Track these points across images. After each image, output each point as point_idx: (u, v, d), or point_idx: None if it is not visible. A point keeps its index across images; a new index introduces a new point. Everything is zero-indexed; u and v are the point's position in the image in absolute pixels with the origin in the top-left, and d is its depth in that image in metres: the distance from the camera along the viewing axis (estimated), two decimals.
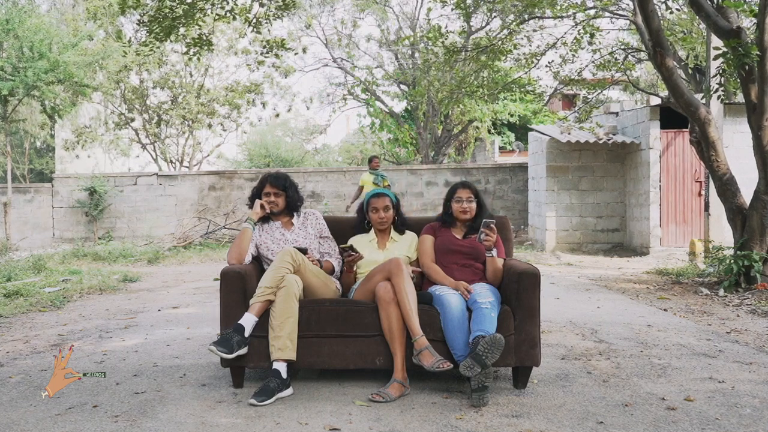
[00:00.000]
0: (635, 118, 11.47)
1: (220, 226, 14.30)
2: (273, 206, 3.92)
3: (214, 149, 20.99)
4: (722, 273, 7.17)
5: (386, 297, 3.42)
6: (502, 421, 2.99)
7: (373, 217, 3.95)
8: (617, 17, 11.09)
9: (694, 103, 7.21)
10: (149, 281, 8.49)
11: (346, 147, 30.47)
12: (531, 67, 11.85)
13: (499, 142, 21.17)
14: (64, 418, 3.04)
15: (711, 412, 3.08)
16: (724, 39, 6.57)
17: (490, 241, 3.58)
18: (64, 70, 12.08)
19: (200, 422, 2.98)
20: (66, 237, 14.70)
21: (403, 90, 20.06)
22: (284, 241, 3.90)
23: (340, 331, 3.46)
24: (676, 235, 10.86)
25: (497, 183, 14.93)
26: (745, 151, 8.32)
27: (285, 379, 3.33)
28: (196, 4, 8.64)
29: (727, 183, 7.19)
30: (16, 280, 7.65)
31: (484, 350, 3.14)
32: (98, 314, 5.94)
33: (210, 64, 18.26)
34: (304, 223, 4.01)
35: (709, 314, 5.73)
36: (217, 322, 4.07)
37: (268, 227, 3.96)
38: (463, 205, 3.83)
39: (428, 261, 3.81)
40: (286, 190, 3.95)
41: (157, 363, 4.06)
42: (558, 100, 21.57)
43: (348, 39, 20.31)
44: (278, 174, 4.01)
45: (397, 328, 3.39)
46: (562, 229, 11.89)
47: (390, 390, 3.30)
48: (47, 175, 19.11)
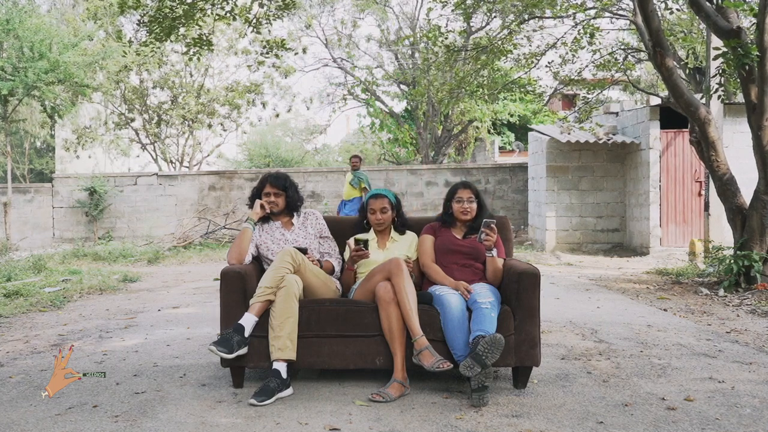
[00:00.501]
0: (635, 118, 11.47)
1: (220, 226, 14.30)
2: (273, 206, 3.92)
3: (214, 149, 20.99)
4: (722, 273, 7.17)
5: (386, 297, 3.42)
6: (502, 421, 2.99)
7: (370, 218, 3.96)
8: (617, 17, 11.09)
9: (694, 103, 7.20)
10: (149, 281, 8.49)
11: (346, 147, 30.46)
12: (531, 67, 11.85)
13: (499, 142, 21.16)
14: (64, 418, 3.04)
15: (711, 412, 3.08)
16: (724, 39, 6.57)
17: (491, 241, 3.58)
18: (64, 70, 12.08)
19: (200, 422, 2.98)
20: (66, 237, 14.70)
21: (403, 90, 20.06)
22: (284, 241, 3.90)
23: (340, 331, 3.46)
24: (676, 235, 10.86)
25: (497, 183, 14.93)
26: (745, 151, 8.32)
27: (285, 379, 3.33)
28: (196, 4, 8.64)
29: (727, 183, 7.19)
30: (16, 280, 7.66)
31: (484, 350, 3.14)
32: (98, 314, 5.94)
33: (210, 64, 18.26)
34: (304, 223, 4.01)
35: (709, 314, 5.73)
36: (217, 322, 4.07)
37: (268, 227, 3.96)
38: (463, 205, 3.83)
39: (428, 261, 3.81)
40: (286, 190, 3.95)
41: (157, 363, 4.06)
42: (558, 100, 21.58)
43: (348, 39, 20.31)
44: (278, 174, 4.00)
45: (397, 328, 3.39)
46: (562, 229, 11.89)
47: (390, 390, 3.30)
48: (47, 175, 19.12)
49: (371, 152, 25.86)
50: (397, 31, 20.17)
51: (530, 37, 12.24)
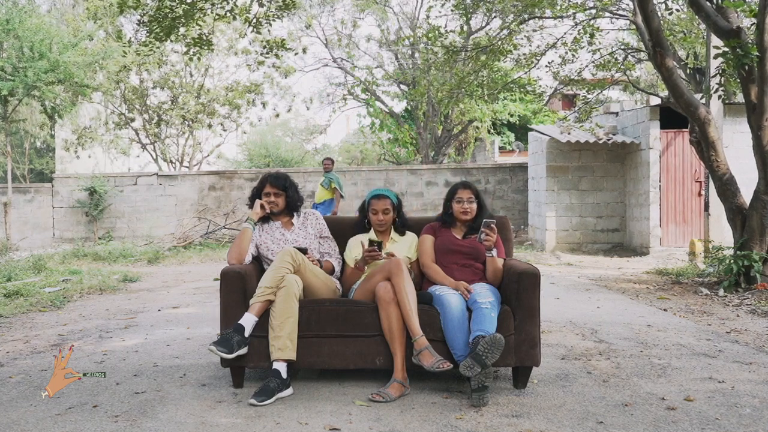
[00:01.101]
0: (635, 118, 11.47)
1: (220, 226, 14.30)
2: (273, 206, 3.92)
3: (214, 149, 20.99)
4: (722, 273, 7.17)
5: (386, 297, 3.42)
6: (502, 421, 2.99)
7: (372, 218, 3.95)
8: (617, 17, 11.08)
9: (694, 103, 7.20)
10: (149, 281, 8.49)
11: (346, 147, 30.46)
12: (531, 67, 11.84)
13: (499, 142, 21.16)
14: (64, 418, 3.04)
15: (711, 412, 3.08)
16: (724, 39, 6.57)
17: (490, 241, 3.58)
18: (64, 71, 12.08)
19: (200, 422, 2.98)
20: (66, 237, 14.70)
21: (403, 90, 20.05)
22: (284, 241, 3.90)
23: (340, 331, 3.46)
24: (676, 235, 10.86)
25: (497, 183, 14.93)
26: (745, 151, 8.32)
27: (285, 379, 3.33)
28: (196, 4, 8.63)
29: (727, 183, 7.19)
30: (16, 280, 7.65)
31: (484, 350, 3.14)
32: (98, 314, 5.94)
33: (210, 64, 18.25)
34: (304, 223, 4.01)
35: (709, 314, 5.73)
36: (217, 322, 4.07)
37: (268, 227, 3.96)
38: (464, 205, 3.83)
39: (428, 261, 3.81)
40: (286, 190, 3.95)
41: (157, 363, 4.06)
42: (558, 100, 21.58)
43: (348, 39, 20.31)
44: (278, 174, 4.00)
45: (397, 328, 3.39)
46: (562, 229, 11.89)
47: (390, 390, 3.30)
48: (47, 175, 19.11)
49: (371, 152, 25.86)
50: (397, 31, 20.17)
51: (530, 37, 12.23)
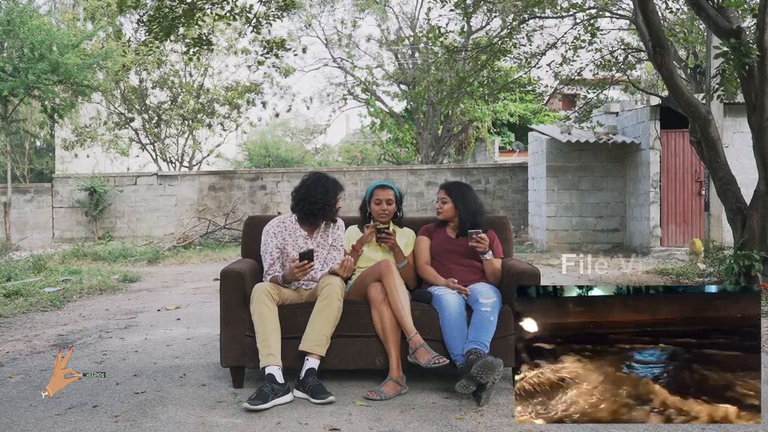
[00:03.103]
0: (635, 118, 11.46)
1: (220, 226, 14.30)
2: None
3: (214, 149, 20.97)
4: (722, 273, 7.16)
5: (378, 297, 3.45)
6: (502, 421, 2.99)
7: (375, 208, 3.87)
8: (617, 17, 11.07)
9: (694, 103, 7.20)
10: (149, 281, 8.49)
11: (346, 147, 30.47)
12: (531, 67, 11.83)
13: (499, 142, 21.15)
14: (64, 418, 3.04)
15: None
16: (725, 39, 6.56)
17: (481, 248, 3.61)
18: (64, 72, 12.07)
19: (200, 422, 2.98)
20: (66, 237, 14.69)
21: (403, 90, 20.05)
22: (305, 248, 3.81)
23: (339, 331, 3.46)
24: (676, 235, 10.86)
25: (497, 183, 14.93)
26: (745, 151, 8.32)
27: (283, 384, 3.27)
28: (196, 3, 8.63)
29: (727, 183, 7.18)
30: (16, 280, 7.65)
31: (478, 372, 3.10)
32: (98, 314, 5.94)
33: (210, 64, 18.24)
34: (326, 231, 3.86)
35: None
36: (217, 322, 4.07)
37: (293, 232, 3.82)
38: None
39: (422, 263, 3.83)
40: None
41: (157, 363, 4.07)
42: (558, 100, 21.56)
43: (348, 39, 20.29)
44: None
45: (390, 327, 3.41)
46: (562, 229, 11.89)
47: (385, 388, 3.32)
48: (47, 175, 19.11)
49: (371, 152, 25.87)
50: (397, 31, 20.16)
51: (530, 36, 12.22)
